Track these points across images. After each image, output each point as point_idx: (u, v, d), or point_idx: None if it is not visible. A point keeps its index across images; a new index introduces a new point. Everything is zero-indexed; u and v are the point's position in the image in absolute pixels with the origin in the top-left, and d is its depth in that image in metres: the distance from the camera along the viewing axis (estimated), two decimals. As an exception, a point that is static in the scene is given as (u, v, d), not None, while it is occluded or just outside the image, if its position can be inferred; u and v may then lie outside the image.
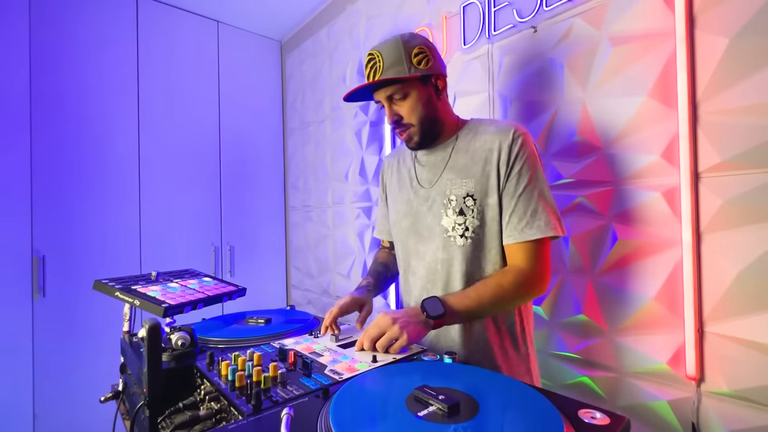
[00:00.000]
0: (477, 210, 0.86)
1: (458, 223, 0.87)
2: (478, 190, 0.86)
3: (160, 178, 2.12)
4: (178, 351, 0.76)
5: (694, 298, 0.87)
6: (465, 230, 0.86)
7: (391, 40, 0.87)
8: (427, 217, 0.93)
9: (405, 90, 0.87)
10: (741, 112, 0.82)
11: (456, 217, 0.87)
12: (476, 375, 0.61)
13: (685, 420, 0.90)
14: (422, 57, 0.86)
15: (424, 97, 0.88)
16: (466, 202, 0.86)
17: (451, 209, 0.88)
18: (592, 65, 1.05)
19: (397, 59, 0.85)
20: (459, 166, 0.90)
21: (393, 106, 0.89)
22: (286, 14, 2.35)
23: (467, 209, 0.86)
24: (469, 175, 0.87)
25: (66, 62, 1.85)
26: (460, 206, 0.87)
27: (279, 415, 0.48)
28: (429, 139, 0.93)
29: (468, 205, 0.86)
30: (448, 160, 0.92)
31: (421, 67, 0.85)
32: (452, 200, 0.88)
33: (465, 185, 0.87)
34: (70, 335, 1.81)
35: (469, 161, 0.88)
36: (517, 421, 0.48)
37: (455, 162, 0.91)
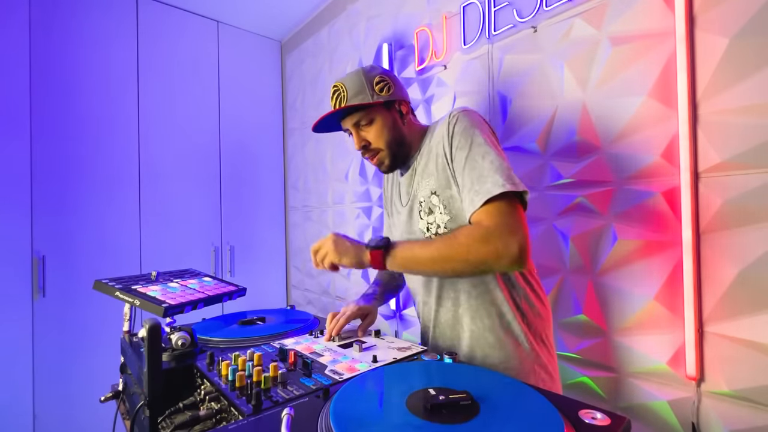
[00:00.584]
0: (443, 204, 0.85)
1: (430, 223, 0.88)
2: (438, 186, 0.86)
3: (160, 178, 2.11)
4: (178, 351, 0.76)
5: (694, 298, 0.87)
6: (437, 227, 0.87)
7: (353, 72, 0.92)
8: (410, 225, 0.95)
9: (370, 116, 0.91)
10: (741, 112, 0.82)
11: (427, 217, 0.89)
12: (476, 375, 0.61)
13: (685, 420, 0.90)
14: (384, 85, 0.90)
15: (389, 121, 0.92)
16: (431, 200, 0.87)
17: (423, 211, 0.90)
18: (592, 65, 1.05)
19: (360, 88, 0.89)
20: (423, 168, 0.92)
21: (360, 133, 0.92)
22: (286, 14, 2.35)
23: (434, 207, 0.87)
24: (430, 174, 0.89)
25: (66, 62, 1.85)
26: (428, 205, 0.88)
27: (279, 415, 0.48)
28: (399, 161, 0.96)
29: (434, 203, 0.87)
30: (417, 165, 0.95)
31: (383, 94, 0.89)
32: (422, 202, 0.90)
33: (428, 185, 0.89)
34: (70, 335, 1.81)
35: (429, 161, 0.90)
36: (518, 422, 0.48)
37: (420, 165, 0.94)
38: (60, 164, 1.82)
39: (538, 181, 1.18)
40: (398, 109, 0.93)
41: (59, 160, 1.82)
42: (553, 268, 1.15)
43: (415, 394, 0.52)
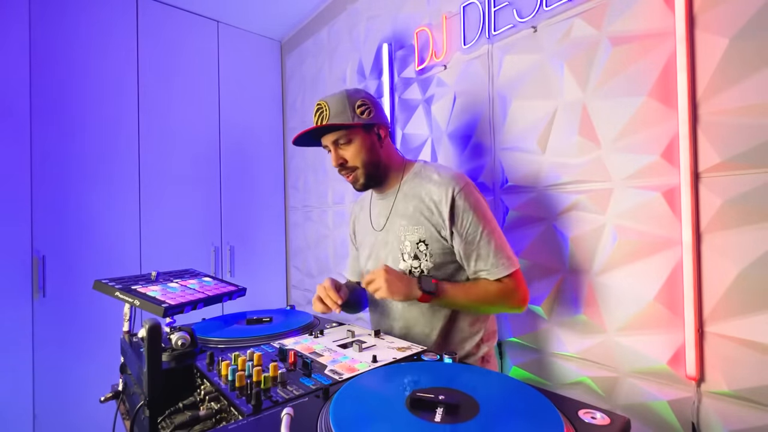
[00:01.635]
0: (429, 254, 0.96)
1: (414, 267, 0.97)
2: (428, 237, 0.96)
3: (160, 178, 2.11)
4: (178, 351, 0.76)
5: (694, 298, 0.87)
6: (421, 273, 0.97)
7: (337, 94, 0.98)
8: (388, 260, 1.02)
9: (349, 136, 0.97)
10: (741, 112, 0.82)
11: (412, 261, 0.97)
12: (476, 375, 0.61)
13: (685, 420, 0.90)
14: (365, 108, 0.97)
15: (367, 143, 0.99)
16: (419, 247, 0.97)
17: (407, 254, 0.98)
18: (592, 65, 1.05)
19: (342, 109, 0.95)
20: (408, 212, 0.99)
21: (339, 151, 0.99)
22: (286, 14, 2.35)
23: (420, 254, 0.97)
24: (419, 222, 0.97)
25: (66, 62, 1.85)
26: (414, 251, 0.97)
27: (279, 415, 0.48)
28: (373, 181, 1.03)
29: (421, 250, 0.97)
30: (393, 204, 1.03)
31: (364, 116, 0.96)
32: (407, 245, 0.98)
33: (417, 232, 0.97)
34: (70, 335, 1.81)
35: (415, 210, 0.98)
36: (518, 422, 0.48)
37: (403, 207, 1.01)
38: (60, 164, 1.82)
39: (538, 181, 1.18)
40: (377, 132, 1.00)
41: (59, 160, 1.82)
42: (553, 268, 1.15)
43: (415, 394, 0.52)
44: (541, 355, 1.19)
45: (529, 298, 0.97)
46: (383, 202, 1.07)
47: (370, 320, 1.15)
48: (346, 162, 0.99)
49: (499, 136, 1.30)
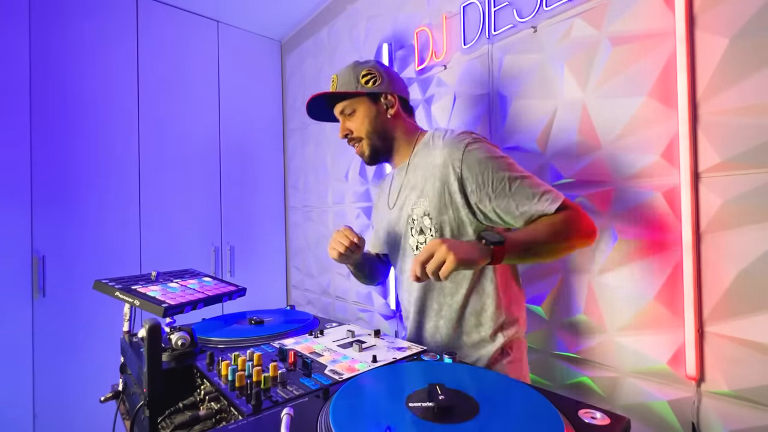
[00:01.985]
0: (435, 228, 0.89)
1: (420, 242, 0.92)
2: (433, 208, 0.88)
3: (160, 178, 2.11)
4: (178, 351, 0.76)
5: (694, 298, 0.87)
6: None
7: (348, 65, 0.97)
8: (399, 237, 0.99)
9: (353, 106, 0.96)
10: (741, 112, 0.82)
11: (418, 236, 0.92)
12: (476, 375, 0.61)
13: (685, 420, 0.90)
14: (370, 77, 0.94)
15: (372, 113, 0.95)
16: (423, 221, 0.91)
17: (414, 229, 0.93)
18: (592, 65, 1.05)
19: (348, 80, 0.95)
20: (417, 184, 0.93)
21: (345, 121, 0.98)
22: (286, 14, 2.35)
23: (426, 228, 0.90)
24: (424, 194, 0.91)
25: (66, 62, 1.85)
26: (420, 225, 0.91)
27: (279, 415, 0.48)
28: (380, 154, 0.99)
29: (426, 224, 0.90)
30: (404, 177, 0.98)
31: (368, 86, 0.94)
32: (414, 220, 0.92)
33: (422, 204, 0.91)
34: (70, 335, 1.81)
35: (421, 179, 0.92)
36: (518, 422, 0.48)
37: (413, 179, 0.95)
38: (60, 164, 1.82)
39: (538, 181, 1.18)
40: (384, 102, 0.96)
41: (59, 160, 1.82)
42: (553, 268, 1.15)
43: (415, 394, 0.52)
44: (541, 355, 1.19)
45: (596, 227, 0.81)
46: (398, 177, 1.02)
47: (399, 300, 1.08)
48: (351, 132, 0.97)
49: (499, 136, 1.29)
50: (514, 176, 0.81)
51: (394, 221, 1.00)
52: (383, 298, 1.81)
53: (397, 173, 1.03)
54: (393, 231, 1.01)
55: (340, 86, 0.95)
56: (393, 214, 1.00)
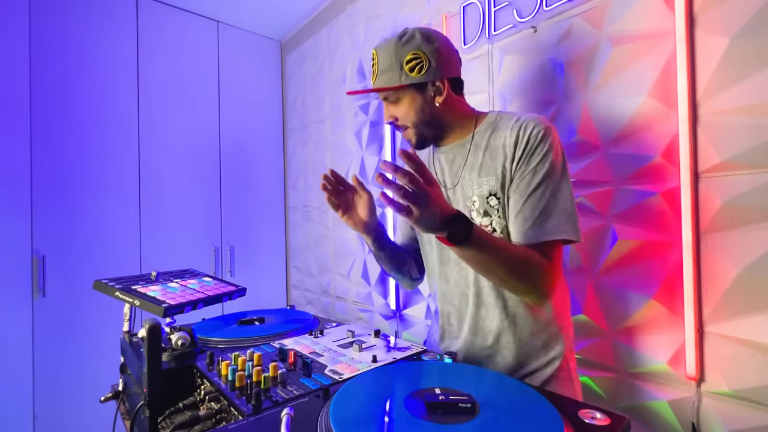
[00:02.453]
0: (502, 209, 0.80)
1: (485, 225, 0.82)
2: (500, 188, 0.80)
3: (160, 178, 2.11)
4: (178, 351, 0.76)
5: (694, 298, 0.87)
6: (493, 231, 0.81)
7: (388, 42, 0.84)
8: None
9: (397, 95, 0.85)
10: (741, 112, 0.82)
11: (481, 219, 0.82)
12: (476, 375, 0.61)
13: (685, 420, 0.90)
14: (416, 63, 0.81)
15: (418, 103, 0.85)
16: (489, 201, 0.81)
17: (475, 211, 0.83)
18: (592, 65, 1.05)
19: (390, 65, 0.82)
20: (477, 164, 0.84)
21: (389, 108, 0.88)
22: (286, 14, 2.35)
23: (491, 209, 0.81)
24: (489, 172, 0.81)
25: (66, 62, 1.85)
26: (484, 207, 0.82)
27: (279, 415, 0.48)
28: (429, 140, 0.90)
29: (492, 205, 0.81)
30: (466, 158, 0.87)
31: (414, 74, 0.81)
32: (475, 202, 0.83)
33: (486, 184, 0.81)
34: (70, 335, 1.81)
35: (488, 158, 0.82)
36: (518, 422, 0.48)
37: (473, 160, 0.85)
38: (60, 164, 1.82)
39: (538, 181, 1.18)
40: (432, 90, 0.84)
41: (59, 160, 1.82)
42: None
43: (415, 395, 0.52)
44: (541, 355, 1.19)
45: (554, 283, 0.75)
46: (451, 157, 0.90)
47: None
48: (397, 119, 0.88)
49: (499, 136, 1.29)
50: (542, 182, 0.75)
51: None
52: (383, 298, 1.81)
53: (446, 152, 0.91)
54: None
55: (380, 72, 0.84)
56: (447, 196, 0.89)
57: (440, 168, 0.93)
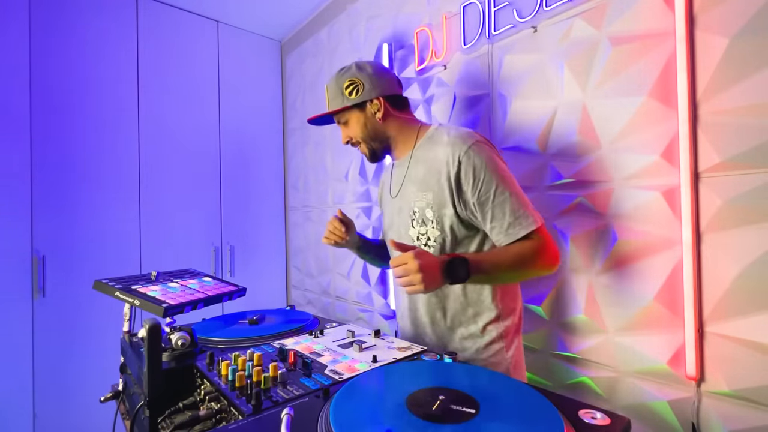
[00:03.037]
0: (436, 220, 0.93)
1: (421, 233, 0.96)
2: (436, 202, 0.92)
3: (160, 178, 2.11)
4: (178, 351, 0.76)
5: (694, 298, 0.87)
6: (428, 239, 0.95)
7: (332, 76, 1.02)
8: (400, 227, 1.02)
9: (345, 117, 1.02)
10: (741, 112, 0.82)
11: (419, 228, 0.96)
12: (476, 375, 0.61)
13: (685, 420, 0.90)
14: (352, 88, 0.98)
15: (361, 121, 1.00)
16: (426, 213, 0.94)
17: (416, 220, 0.96)
18: (592, 65, 1.05)
19: (335, 93, 1.00)
20: (418, 177, 0.97)
21: (343, 129, 1.04)
22: (286, 14, 2.35)
23: (428, 220, 0.94)
24: (428, 187, 0.94)
25: (66, 62, 1.85)
26: (422, 217, 0.95)
27: (279, 415, 0.48)
28: (380, 152, 1.05)
29: (428, 217, 0.94)
30: (406, 169, 1.01)
31: (352, 97, 0.98)
32: (416, 212, 0.96)
33: (425, 197, 0.94)
34: (70, 335, 1.81)
35: (426, 173, 0.95)
36: (518, 422, 0.48)
37: (414, 173, 0.98)
38: (60, 164, 1.82)
39: (538, 181, 1.18)
40: (370, 108, 1.00)
41: (59, 160, 1.82)
42: (553, 268, 1.15)
43: (415, 394, 0.52)
44: (541, 355, 1.19)
45: (557, 254, 0.86)
46: (399, 169, 1.06)
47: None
48: (351, 138, 1.04)
49: (499, 136, 1.29)
50: (502, 188, 0.85)
51: (395, 211, 1.04)
52: (383, 298, 1.81)
53: (398, 165, 1.06)
54: (394, 220, 1.05)
55: (330, 100, 1.02)
56: (395, 204, 1.05)
57: (390, 178, 1.10)
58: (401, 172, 1.03)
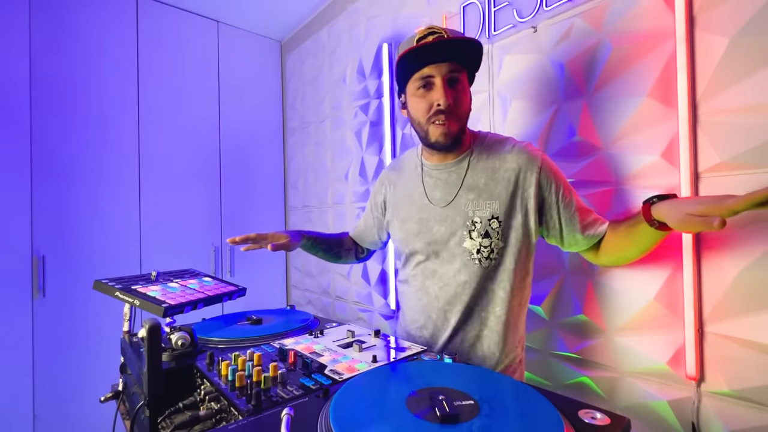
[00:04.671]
0: (501, 232, 0.87)
1: (484, 246, 0.87)
2: (503, 212, 0.87)
3: (160, 178, 2.11)
4: (178, 351, 0.76)
5: (694, 298, 0.87)
6: (490, 252, 0.87)
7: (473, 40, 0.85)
8: (444, 238, 0.91)
9: (466, 76, 0.87)
10: (741, 112, 0.82)
11: (482, 240, 0.87)
12: (476, 375, 0.61)
13: (685, 420, 0.90)
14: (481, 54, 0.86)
15: (469, 93, 0.89)
16: (491, 224, 0.87)
17: (476, 232, 0.88)
18: (592, 65, 1.05)
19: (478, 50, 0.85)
20: (480, 185, 0.89)
21: (451, 91, 0.84)
22: (286, 14, 2.35)
23: (492, 231, 0.87)
24: (493, 196, 0.87)
25: (66, 62, 1.85)
26: (486, 228, 0.87)
27: (279, 415, 0.48)
28: (459, 139, 0.89)
29: (493, 227, 0.87)
30: (464, 177, 0.91)
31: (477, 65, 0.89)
32: (477, 222, 0.88)
33: (489, 207, 0.87)
34: (70, 335, 1.81)
35: (490, 181, 0.88)
36: (518, 422, 0.48)
37: (474, 180, 0.90)
38: (60, 164, 1.82)
39: (538, 181, 1.18)
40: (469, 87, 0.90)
41: (59, 160, 1.82)
42: (553, 268, 1.15)
43: (415, 394, 0.52)
44: (541, 355, 1.19)
45: None
46: (445, 174, 0.93)
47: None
48: (457, 105, 0.85)
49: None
50: (575, 196, 0.90)
51: (436, 219, 0.92)
52: (383, 298, 1.81)
53: (440, 168, 0.94)
54: (435, 229, 0.92)
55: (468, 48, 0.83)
56: (437, 212, 0.92)
57: (432, 184, 0.96)
58: (449, 177, 0.92)
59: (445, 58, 0.83)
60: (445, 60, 0.83)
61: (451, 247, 0.91)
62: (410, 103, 0.90)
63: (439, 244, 0.92)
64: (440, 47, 0.81)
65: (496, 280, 0.89)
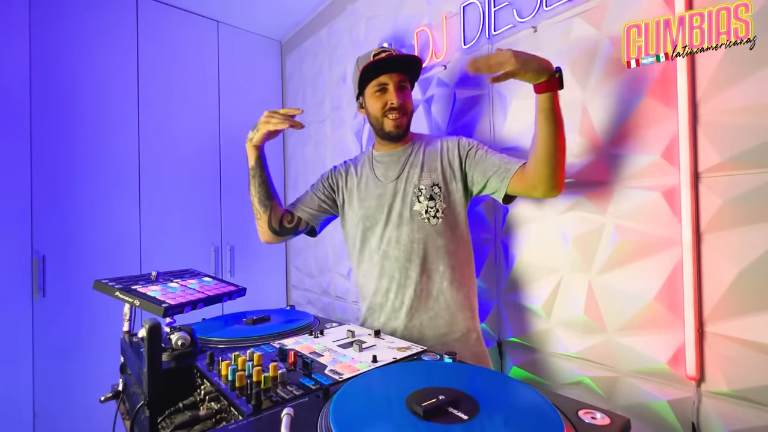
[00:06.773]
0: (443, 195, 1.09)
1: (430, 206, 1.08)
2: (441, 180, 1.10)
3: (160, 178, 2.11)
4: (178, 351, 0.77)
5: (694, 298, 0.87)
6: (436, 212, 1.08)
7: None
8: (397, 206, 1.12)
9: (410, 83, 1.16)
10: (741, 112, 0.82)
11: (428, 202, 1.08)
12: (476, 375, 0.62)
13: (685, 420, 0.90)
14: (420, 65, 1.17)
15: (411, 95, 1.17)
16: (433, 189, 1.09)
17: (423, 196, 1.09)
18: (592, 65, 1.05)
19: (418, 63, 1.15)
20: (421, 162, 1.14)
21: (401, 94, 1.12)
22: (286, 14, 2.35)
23: (436, 195, 1.09)
24: (432, 169, 1.12)
25: (66, 62, 1.85)
26: (430, 193, 1.09)
27: (279, 415, 0.49)
28: (407, 130, 1.16)
29: (435, 192, 1.09)
30: (408, 157, 1.16)
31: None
32: (422, 189, 1.10)
33: (430, 177, 1.11)
34: (71, 335, 1.81)
35: (429, 159, 1.13)
36: (518, 422, 0.48)
37: (416, 159, 1.15)
38: (60, 164, 1.82)
39: (538, 181, 1.18)
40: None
41: (59, 160, 1.82)
42: (553, 268, 1.15)
43: (415, 394, 0.52)
44: (541, 355, 1.19)
45: None
46: (391, 158, 1.17)
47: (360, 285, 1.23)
48: (405, 105, 1.13)
49: (499, 136, 1.29)
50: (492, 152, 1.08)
51: (390, 193, 1.13)
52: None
53: (389, 155, 1.18)
54: (391, 200, 1.13)
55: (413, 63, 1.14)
56: (390, 187, 1.14)
57: (383, 168, 1.18)
58: (397, 160, 1.16)
59: (395, 69, 1.11)
60: (395, 71, 1.11)
61: (402, 212, 1.10)
62: (368, 102, 1.15)
63: (395, 212, 1.12)
64: (393, 62, 1.09)
65: (444, 235, 1.08)
